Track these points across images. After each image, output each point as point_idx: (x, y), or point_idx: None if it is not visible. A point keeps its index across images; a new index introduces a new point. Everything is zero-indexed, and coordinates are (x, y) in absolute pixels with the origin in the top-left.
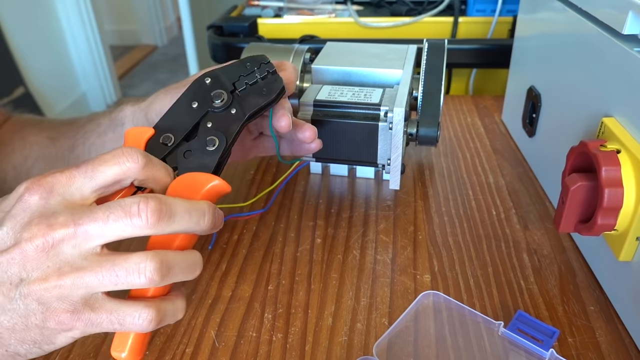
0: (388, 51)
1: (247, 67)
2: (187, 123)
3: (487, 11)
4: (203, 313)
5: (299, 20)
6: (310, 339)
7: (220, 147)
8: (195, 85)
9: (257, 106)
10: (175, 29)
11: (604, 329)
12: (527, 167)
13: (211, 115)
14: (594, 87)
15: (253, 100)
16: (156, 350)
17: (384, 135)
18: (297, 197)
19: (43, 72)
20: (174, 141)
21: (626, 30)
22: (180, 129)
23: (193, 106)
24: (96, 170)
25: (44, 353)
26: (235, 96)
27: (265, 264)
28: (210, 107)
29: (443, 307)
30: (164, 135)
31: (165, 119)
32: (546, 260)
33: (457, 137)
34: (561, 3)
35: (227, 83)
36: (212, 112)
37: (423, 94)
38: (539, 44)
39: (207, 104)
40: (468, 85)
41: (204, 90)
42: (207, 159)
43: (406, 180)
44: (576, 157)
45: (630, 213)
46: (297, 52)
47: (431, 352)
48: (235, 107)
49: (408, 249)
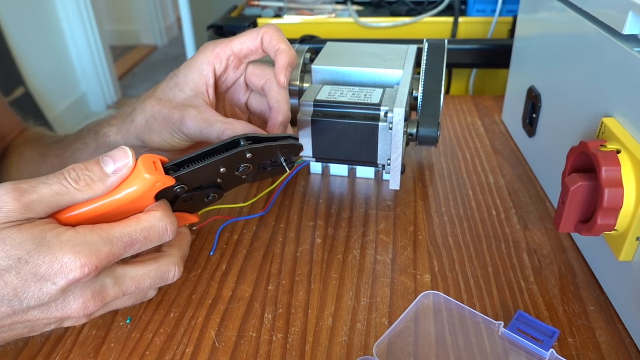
0: (388, 51)
1: (283, 151)
2: (206, 181)
3: (487, 11)
4: (203, 313)
5: (299, 20)
6: (310, 339)
7: (215, 199)
8: (234, 154)
9: (262, 179)
10: (175, 29)
11: (604, 329)
12: (527, 167)
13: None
14: (594, 87)
15: (263, 175)
16: (156, 350)
17: (384, 135)
18: (297, 197)
19: (43, 72)
20: (185, 191)
21: (626, 30)
22: (196, 183)
23: (220, 170)
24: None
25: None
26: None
27: (265, 264)
28: (233, 173)
29: (443, 307)
30: (179, 187)
31: (190, 174)
32: (546, 260)
33: (457, 137)
34: (561, 3)
35: (259, 160)
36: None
37: (423, 94)
38: (539, 44)
39: (233, 171)
40: (468, 85)
41: (240, 161)
42: (199, 206)
43: (406, 180)
44: (576, 157)
45: (630, 213)
46: (297, 52)
47: (431, 352)
48: (247, 175)
49: (408, 249)
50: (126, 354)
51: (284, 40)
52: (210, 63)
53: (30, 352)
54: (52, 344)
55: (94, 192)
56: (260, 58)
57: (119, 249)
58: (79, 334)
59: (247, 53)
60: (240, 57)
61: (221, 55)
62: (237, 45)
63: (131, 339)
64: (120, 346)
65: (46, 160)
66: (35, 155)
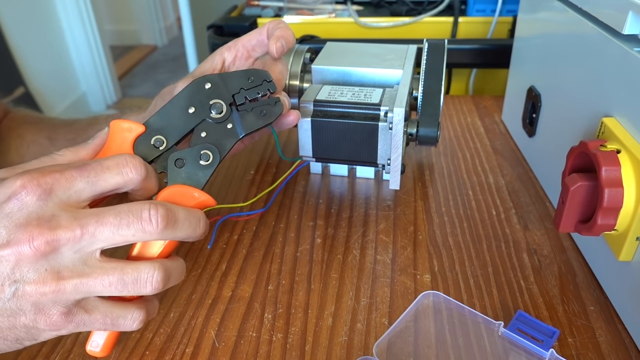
0: (388, 51)
1: (249, 80)
2: (181, 128)
3: (487, 11)
4: (203, 313)
5: (299, 20)
6: (310, 339)
7: (214, 163)
8: (193, 88)
9: (254, 128)
10: (175, 29)
11: (604, 329)
12: (527, 167)
13: (206, 125)
14: (594, 87)
15: (251, 121)
16: (156, 350)
17: (384, 135)
18: (297, 197)
19: (43, 72)
20: (166, 145)
21: (626, 30)
22: (174, 133)
23: (189, 111)
24: (99, 177)
25: (22, 347)
26: (233, 110)
27: (265, 264)
28: (207, 116)
29: (443, 307)
30: (155, 137)
31: (157, 118)
32: (546, 260)
33: (457, 137)
34: (561, 3)
35: (226, 93)
36: (207, 121)
37: (423, 94)
38: (539, 44)
39: (205, 112)
40: (468, 85)
41: (202, 95)
42: (199, 174)
43: (406, 180)
44: (576, 157)
45: (630, 213)
46: (297, 52)
47: (431, 352)
48: (232, 123)
49: (408, 249)
50: (126, 354)
51: (284, 25)
52: (221, 54)
53: (30, 352)
54: (53, 344)
55: (77, 157)
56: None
57: (69, 169)
58: (79, 334)
59: (255, 44)
60: (249, 49)
61: (231, 47)
62: (245, 38)
63: (131, 339)
64: (120, 346)
65: (55, 144)
66: (41, 138)
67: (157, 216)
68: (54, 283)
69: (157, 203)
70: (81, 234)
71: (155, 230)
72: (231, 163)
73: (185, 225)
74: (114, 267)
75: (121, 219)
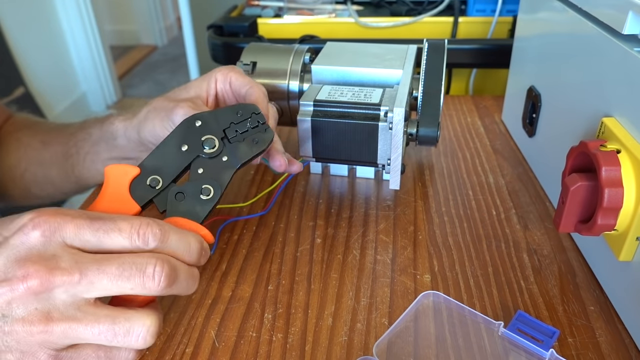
0: (388, 51)
1: (238, 114)
2: (176, 166)
3: (487, 11)
4: (203, 313)
5: (299, 20)
6: (310, 339)
7: (215, 198)
8: (184, 127)
9: (249, 156)
10: (175, 29)
11: (604, 329)
12: (527, 167)
13: (201, 161)
14: (594, 87)
15: (245, 150)
16: (156, 350)
17: (384, 135)
18: (297, 197)
19: (43, 72)
20: (162, 185)
21: (626, 30)
22: (169, 172)
23: (182, 149)
24: (107, 235)
25: None
26: (226, 143)
27: (265, 264)
28: (200, 152)
29: (443, 307)
30: (151, 178)
31: (152, 159)
32: (546, 260)
33: (457, 137)
34: (561, 3)
35: (217, 129)
36: (202, 158)
37: (423, 94)
38: (539, 44)
39: (198, 149)
40: (468, 85)
41: (194, 133)
42: (199, 208)
43: (406, 180)
44: (576, 157)
45: (630, 213)
46: (297, 52)
47: (431, 352)
48: (227, 155)
49: (408, 249)
50: None
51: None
52: (219, 81)
53: None
54: None
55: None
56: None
57: (80, 217)
58: None
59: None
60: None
61: (225, 79)
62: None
63: None
64: None
65: (49, 148)
66: (36, 142)
67: (161, 274)
68: (42, 324)
69: (163, 259)
70: (79, 279)
71: (155, 288)
72: None
73: (183, 285)
74: (106, 314)
75: (123, 270)
